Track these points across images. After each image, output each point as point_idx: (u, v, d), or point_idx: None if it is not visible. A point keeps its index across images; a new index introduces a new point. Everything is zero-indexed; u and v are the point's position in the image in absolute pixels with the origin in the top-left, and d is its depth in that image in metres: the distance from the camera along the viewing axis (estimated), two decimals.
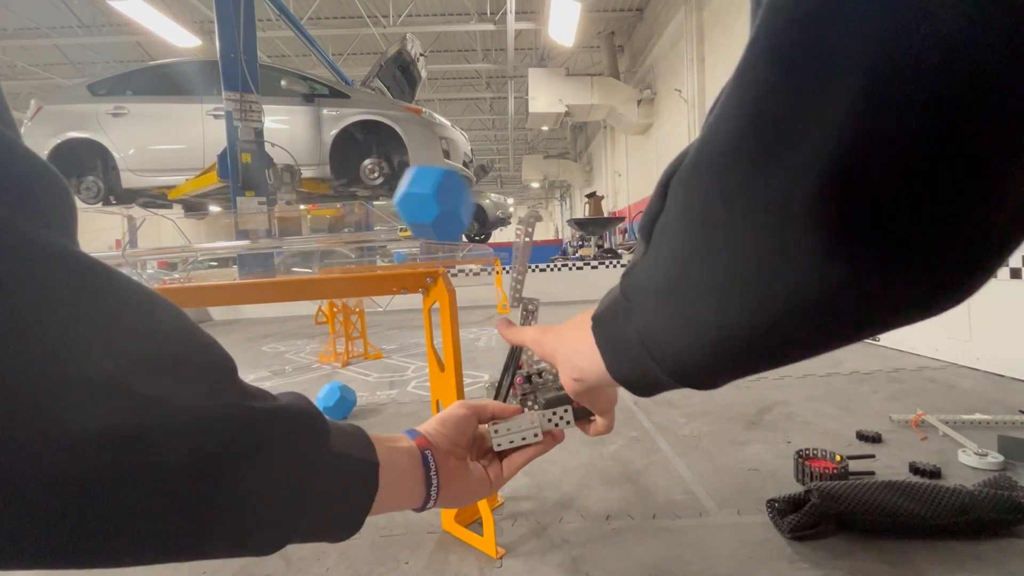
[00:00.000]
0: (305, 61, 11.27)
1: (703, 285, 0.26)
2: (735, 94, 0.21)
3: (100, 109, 5.27)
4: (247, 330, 5.44)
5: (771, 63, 0.19)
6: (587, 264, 7.16)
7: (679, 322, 0.28)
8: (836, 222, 0.19)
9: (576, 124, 15.91)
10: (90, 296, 0.23)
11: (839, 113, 0.17)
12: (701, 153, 0.24)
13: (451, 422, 0.49)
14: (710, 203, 0.24)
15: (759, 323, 0.24)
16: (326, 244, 3.96)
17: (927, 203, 0.18)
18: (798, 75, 0.18)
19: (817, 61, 0.18)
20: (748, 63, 0.20)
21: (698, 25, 8.47)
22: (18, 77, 12.14)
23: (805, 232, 0.20)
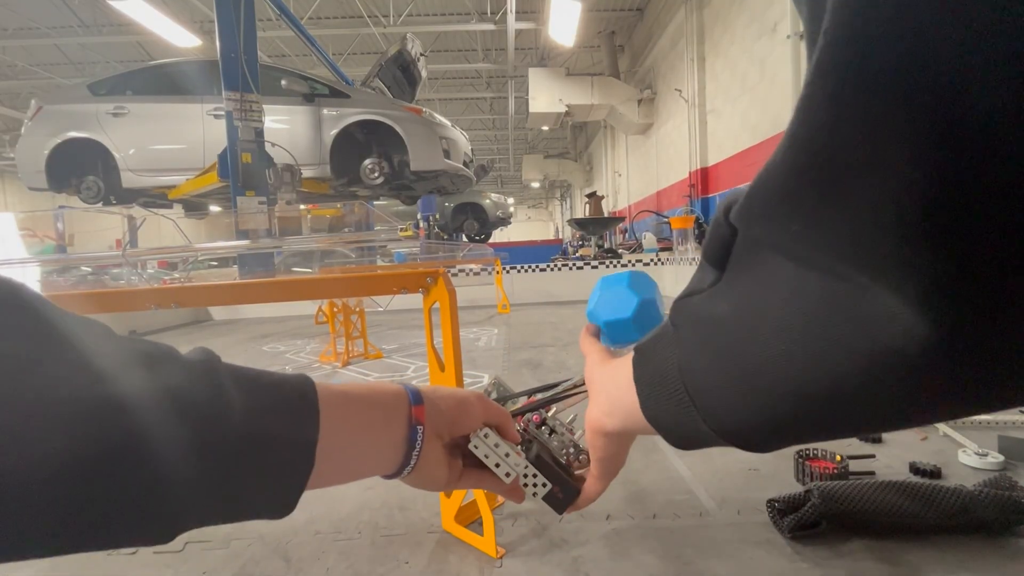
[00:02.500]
0: (305, 61, 11.27)
1: (769, 330, 0.23)
2: (789, 132, 0.19)
3: (100, 109, 5.28)
4: (247, 330, 5.44)
5: (829, 104, 0.17)
6: (587, 264, 7.16)
7: (735, 369, 0.25)
8: (917, 273, 0.17)
9: (576, 124, 15.91)
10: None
11: (907, 159, 0.16)
12: (756, 191, 0.22)
13: (464, 409, 0.43)
14: (774, 242, 0.22)
15: (836, 386, 0.21)
16: (326, 244, 3.97)
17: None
18: (857, 120, 0.16)
19: (881, 109, 0.16)
20: (805, 102, 0.19)
21: (698, 25, 8.47)
22: (18, 77, 12.14)
23: (884, 285, 0.18)
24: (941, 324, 0.17)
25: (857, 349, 0.20)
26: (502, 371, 2.88)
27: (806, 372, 0.22)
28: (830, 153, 0.18)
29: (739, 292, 0.25)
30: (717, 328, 0.26)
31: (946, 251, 0.16)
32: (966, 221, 0.15)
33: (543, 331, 4.21)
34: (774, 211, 0.21)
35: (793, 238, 0.20)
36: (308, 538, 1.16)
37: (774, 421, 0.24)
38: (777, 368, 0.23)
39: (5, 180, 17.53)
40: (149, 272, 4.64)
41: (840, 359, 0.20)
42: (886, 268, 0.18)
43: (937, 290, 0.17)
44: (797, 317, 0.21)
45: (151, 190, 5.55)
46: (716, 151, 8.29)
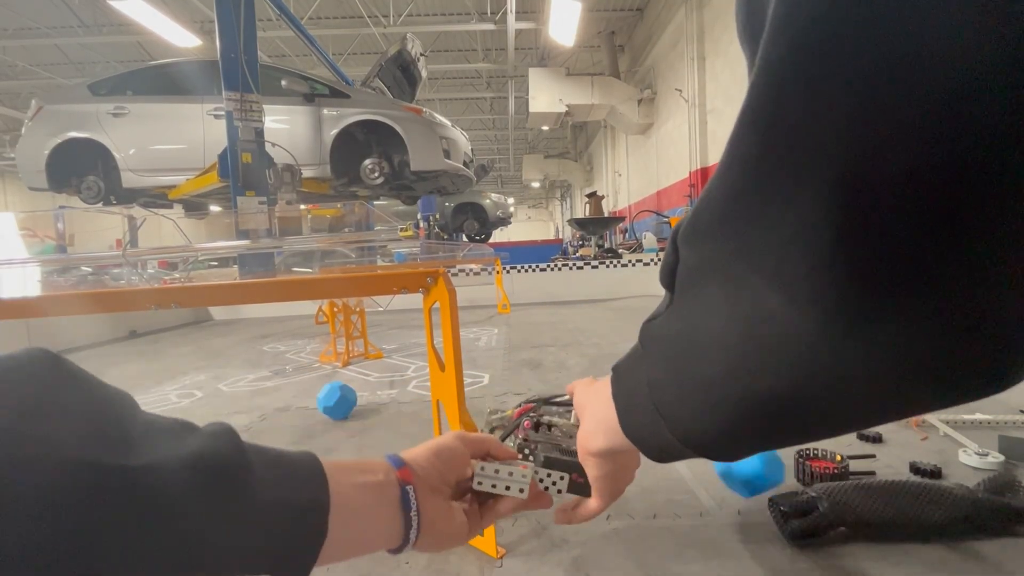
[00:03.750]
0: (305, 61, 11.27)
1: (713, 346, 0.25)
2: (725, 161, 0.22)
3: (101, 109, 5.28)
4: (247, 330, 5.44)
5: (756, 134, 0.20)
6: (587, 264, 7.16)
7: (690, 383, 0.27)
8: (825, 289, 0.20)
9: (576, 124, 15.91)
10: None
11: (822, 186, 0.18)
12: (699, 214, 0.24)
13: (445, 455, 0.43)
14: (713, 263, 0.24)
15: (772, 393, 0.23)
16: (326, 244, 3.97)
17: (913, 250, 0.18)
18: (779, 149, 0.19)
19: (797, 140, 0.19)
20: (737, 133, 0.21)
21: (698, 25, 8.47)
22: (19, 77, 12.15)
23: (803, 298, 0.20)
24: (848, 334, 0.20)
25: (784, 359, 0.22)
26: (502, 371, 2.88)
27: (748, 383, 0.24)
28: (756, 183, 0.21)
29: (686, 312, 0.27)
30: (673, 346, 0.28)
31: (845, 272, 0.19)
32: (858, 251, 0.18)
33: (543, 331, 4.21)
34: (714, 232, 0.23)
35: (729, 258, 0.23)
36: None
37: (731, 430, 0.26)
38: (723, 381, 0.25)
39: (5, 180, 17.54)
40: (149, 272, 4.64)
41: (772, 369, 0.23)
42: (801, 285, 0.20)
43: (839, 303, 0.19)
44: (733, 333, 0.24)
45: (151, 190, 5.55)
46: (716, 151, 8.29)
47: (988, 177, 0.16)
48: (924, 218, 0.17)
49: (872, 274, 0.18)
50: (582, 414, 0.43)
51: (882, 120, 0.16)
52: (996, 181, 0.16)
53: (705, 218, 0.24)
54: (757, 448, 0.27)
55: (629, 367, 0.33)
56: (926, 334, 0.19)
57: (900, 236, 0.17)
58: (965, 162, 0.16)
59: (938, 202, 0.17)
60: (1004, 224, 0.17)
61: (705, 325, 0.25)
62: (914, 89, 0.16)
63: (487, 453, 0.46)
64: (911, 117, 0.16)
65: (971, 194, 0.16)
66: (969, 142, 0.16)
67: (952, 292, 0.18)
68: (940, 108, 0.16)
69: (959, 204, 0.17)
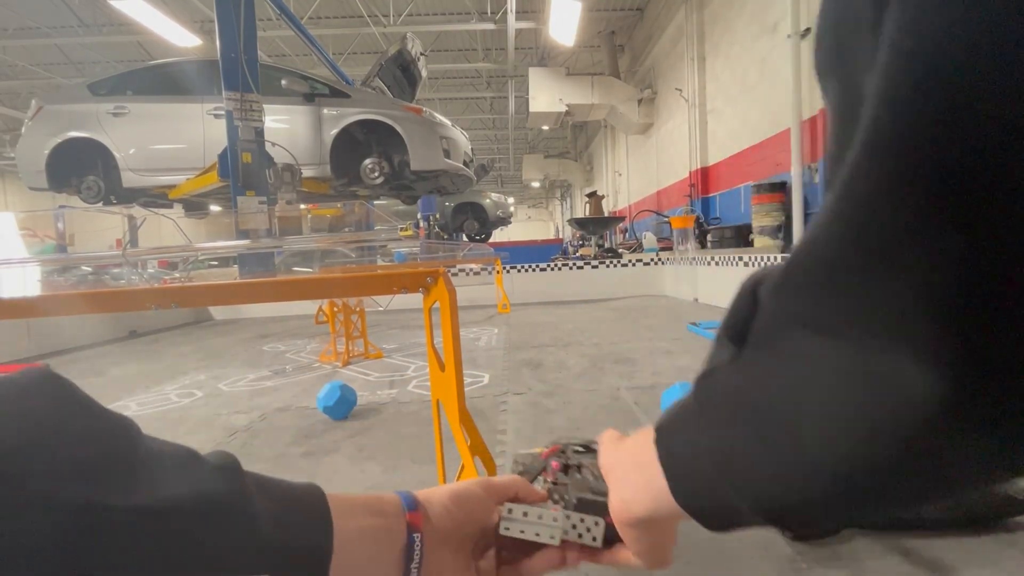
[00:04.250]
0: (305, 60, 11.27)
1: (807, 408, 0.22)
2: (835, 207, 0.20)
3: (101, 109, 5.28)
4: (247, 330, 5.44)
5: (884, 176, 0.18)
6: (587, 264, 7.16)
7: (774, 448, 0.24)
8: (954, 346, 0.17)
9: (576, 124, 15.90)
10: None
11: (974, 233, 0.16)
12: (798, 263, 0.22)
13: (464, 501, 0.39)
14: (808, 316, 0.22)
15: (881, 460, 0.21)
16: (326, 244, 3.97)
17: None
18: (916, 191, 0.17)
19: (941, 182, 0.17)
20: (853, 174, 0.19)
21: (698, 25, 8.46)
22: (18, 77, 12.14)
23: (933, 358, 0.18)
24: (976, 397, 0.18)
25: (901, 424, 0.20)
26: (502, 371, 2.88)
27: (850, 450, 0.21)
28: (877, 228, 0.18)
29: (765, 369, 0.24)
30: (747, 407, 0.25)
31: (983, 327, 0.17)
32: (1005, 304, 0.16)
33: (543, 331, 4.21)
34: (818, 283, 0.21)
35: (832, 312, 0.20)
36: None
37: (823, 502, 0.23)
38: (817, 446, 0.22)
39: (5, 180, 17.54)
40: (149, 272, 4.64)
41: (885, 434, 0.20)
42: (931, 344, 0.18)
43: (971, 363, 0.17)
44: (837, 394, 0.21)
45: (151, 190, 5.55)
46: (716, 151, 8.29)
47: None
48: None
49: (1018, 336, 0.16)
50: (611, 477, 0.38)
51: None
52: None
53: (805, 268, 0.22)
54: (845, 520, 0.25)
55: (679, 426, 0.30)
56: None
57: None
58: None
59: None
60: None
61: (794, 384, 0.23)
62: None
63: (514, 495, 0.42)
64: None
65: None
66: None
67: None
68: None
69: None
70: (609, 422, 1.97)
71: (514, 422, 2.03)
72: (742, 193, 7.13)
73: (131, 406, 2.61)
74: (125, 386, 3.04)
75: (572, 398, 2.31)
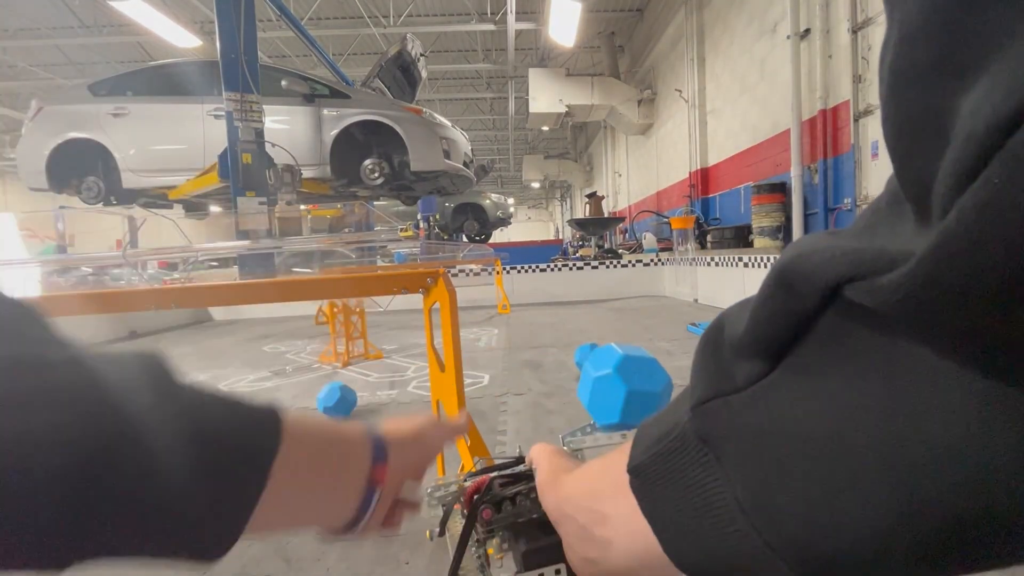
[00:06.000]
0: (306, 61, 11.27)
1: (905, 460, 0.17)
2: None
3: (101, 109, 5.28)
4: (248, 330, 5.44)
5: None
6: (587, 264, 7.16)
7: (837, 497, 0.18)
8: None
9: (576, 124, 15.91)
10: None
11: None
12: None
13: (425, 446, 0.37)
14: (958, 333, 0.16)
15: (969, 511, 0.16)
16: (326, 244, 3.97)
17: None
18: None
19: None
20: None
21: (698, 25, 8.47)
22: (19, 77, 12.15)
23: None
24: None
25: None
26: (502, 371, 2.88)
27: (960, 502, 0.16)
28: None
29: (837, 395, 0.18)
30: (801, 446, 0.18)
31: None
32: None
33: (543, 331, 4.21)
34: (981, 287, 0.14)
35: (990, 325, 0.14)
36: (308, 539, 1.16)
37: (904, 558, 0.18)
38: (916, 497, 0.17)
39: (5, 180, 17.54)
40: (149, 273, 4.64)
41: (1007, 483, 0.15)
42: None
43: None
44: (951, 431, 0.16)
45: (151, 190, 5.55)
46: (716, 151, 8.30)
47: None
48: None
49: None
50: (566, 528, 0.31)
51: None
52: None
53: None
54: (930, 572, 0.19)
55: (672, 468, 0.23)
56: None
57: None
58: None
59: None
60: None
61: (885, 418, 0.17)
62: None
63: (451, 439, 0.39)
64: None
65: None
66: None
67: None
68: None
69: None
70: None
71: (514, 422, 2.03)
72: (742, 193, 7.14)
73: None
74: None
75: (572, 398, 2.31)
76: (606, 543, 0.28)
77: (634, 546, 0.26)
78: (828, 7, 5.19)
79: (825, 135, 5.36)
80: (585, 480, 0.31)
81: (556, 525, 0.32)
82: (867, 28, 4.62)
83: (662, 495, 0.24)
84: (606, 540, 0.27)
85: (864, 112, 4.80)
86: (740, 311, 0.21)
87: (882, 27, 0.16)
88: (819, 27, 5.27)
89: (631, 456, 0.25)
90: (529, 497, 0.35)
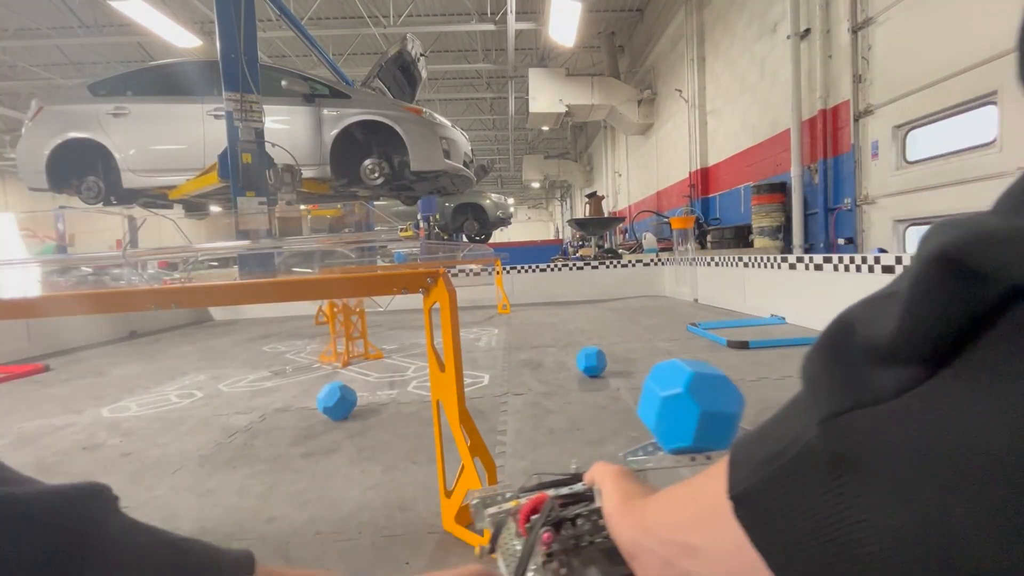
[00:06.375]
0: (306, 61, 11.27)
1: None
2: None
3: (101, 109, 5.28)
4: (247, 330, 5.44)
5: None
6: (587, 264, 7.16)
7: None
8: None
9: (576, 124, 15.92)
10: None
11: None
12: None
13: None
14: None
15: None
16: (326, 244, 3.97)
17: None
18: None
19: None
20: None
21: (698, 25, 8.47)
22: (19, 77, 12.15)
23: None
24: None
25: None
26: (502, 371, 2.88)
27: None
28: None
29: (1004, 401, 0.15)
30: (980, 462, 0.15)
31: None
32: None
33: (543, 331, 4.21)
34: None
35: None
36: (309, 538, 1.16)
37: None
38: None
39: (5, 180, 17.54)
40: (149, 272, 4.64)
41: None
42: None
43: None
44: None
45: (151, 190, 5.55)
46: (716, 151, 8.30)
47: None
48: None
49: None
50: (641, 563, 0.28)
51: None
52: None
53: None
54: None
55: (796, 492, 0.20)
56: None
57: None
58: None
59: None
60: None
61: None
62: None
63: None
64: None
65: None
66: None
67: None
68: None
69: None
70: (610, 423, 1.97)
71: (514, 422, 2.03)
72: (742, 193, 7.14)
73: (131, 406, 2.60)
74: (125, 386, 3.03)
75: (572, 398, 2.31)
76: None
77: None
78: (828, 7, 5.19)
79: (825, 135, 5.36)
80: (667, 508, 0.27)
81: (630, 559, 0.29)
82: (867, 28, 4.61)
83: (781, 525, 0.20)
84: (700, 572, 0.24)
85: (864, 112, 4.80)
86: (874, 309, 0.18)
87: (882, 27, 0.15)
88: (819, 27, 5.27)
89: (732, 481, 0.22)
90: (590, 520, 0.33)
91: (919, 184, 4.23)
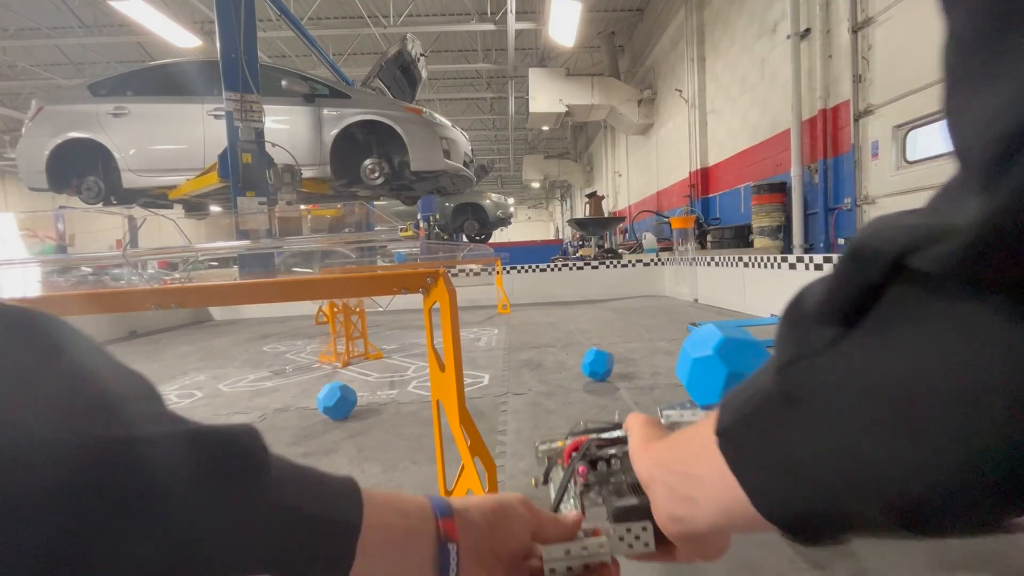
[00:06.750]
0: (306, 61, 11.27)
1: (986, 408, 0.18)
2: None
3: (101, 109, 5.28)
4: (248, 330, 5.44)
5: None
6: (587, 264, 7.16)
7: (917, 444, 0.19)
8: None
9: (576, 124, 15.91)
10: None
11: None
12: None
13: (507, 516, 0.35)
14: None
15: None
16: (327, 244, 3.97)
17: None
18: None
19: None
20: None
21: (698, 25, 8.47)
22: (19, 77, 12.15)
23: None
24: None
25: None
26: (502, 371, 2.88)
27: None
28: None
29: (908, 352, 0.20)
30: (879, 398, 0.20)
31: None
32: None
33: (543, 331, 4.21)
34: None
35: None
36: None
37: (986, 493, 0.19)
38: (987, 438, 0.18)
39: (5, 180, 17.54)
40: (149, 272, 4.65)
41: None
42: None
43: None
44: (1015, 377, 0.17)
45: (151, 190, 5.56)
46: (716, 151, 8.30)
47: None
48: None
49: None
50: (654, 489, 0.33)
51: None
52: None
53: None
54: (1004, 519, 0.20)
55: (759, 426, 0.25)
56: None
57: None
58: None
59: None
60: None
61: (964, 367, 0.18)
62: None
63: (548, 536, 0.37)
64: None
65: None
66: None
67: None
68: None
69: None
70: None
71: (514, 422, 2.03)
72: (742, 193, 7.13)
73: None
74: None
75: (572, 398, 2.31)
76: (693, 502, 0.30)
77: (721, 503, 0.27)
78: (828, 7, 5.19)
79: (825, 135, 5.36)
80: (675, 445, 0.33)
81: (645, 487, 0.34)
82: (867, 28, 4.61)
83: (750, 453, 0.26)
84: (693, 499, 0.30)
85: (864, 112, 4.80)
86: (817, 285, 0.23)
87: (882, 27, 0.17)
88: (819, 27, 5.27)
89: (718, 420, 0.27)
90: (622, 460, 0.39)
91: (919, 184, 4.23)
